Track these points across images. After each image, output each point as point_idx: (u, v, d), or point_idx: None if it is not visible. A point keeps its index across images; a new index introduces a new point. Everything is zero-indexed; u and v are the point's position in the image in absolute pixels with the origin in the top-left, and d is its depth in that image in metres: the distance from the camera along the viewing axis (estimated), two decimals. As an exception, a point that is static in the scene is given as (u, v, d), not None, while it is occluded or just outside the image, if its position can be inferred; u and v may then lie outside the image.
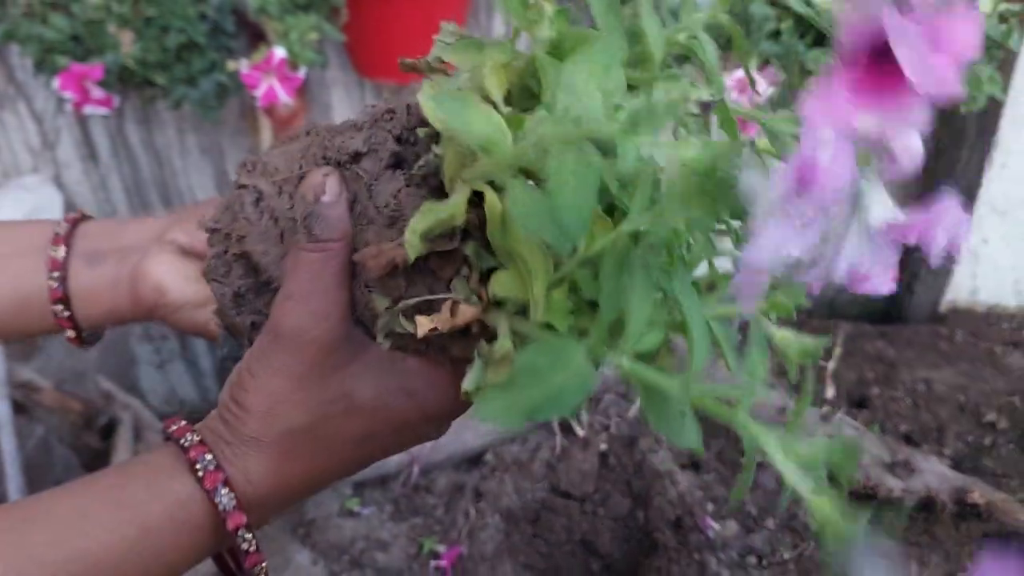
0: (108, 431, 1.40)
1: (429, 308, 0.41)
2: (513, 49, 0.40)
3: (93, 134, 1.76)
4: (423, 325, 0.41)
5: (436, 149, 0.40)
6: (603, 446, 1.49)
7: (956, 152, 1.66)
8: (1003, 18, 1.29)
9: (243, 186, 0.46)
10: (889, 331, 1.76)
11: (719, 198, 0.33)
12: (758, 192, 0.32)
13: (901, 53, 0.32)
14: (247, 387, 0.43)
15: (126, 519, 0.41)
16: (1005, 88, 1.50)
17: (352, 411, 0.43)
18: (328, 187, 0.42)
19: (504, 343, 0.40)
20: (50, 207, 1.67)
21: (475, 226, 0.40)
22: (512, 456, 1.49)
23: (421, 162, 0.41)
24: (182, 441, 0.43)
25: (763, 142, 0.41)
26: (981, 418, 1.59)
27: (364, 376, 0.43)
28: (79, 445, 1.43)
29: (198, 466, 0.42)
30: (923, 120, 0.33)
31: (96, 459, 1.41)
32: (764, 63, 1.31)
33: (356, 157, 0.42)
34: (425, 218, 0.38)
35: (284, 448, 0.43)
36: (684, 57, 0.44)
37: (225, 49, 1.45)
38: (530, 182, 0.35)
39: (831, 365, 1.63)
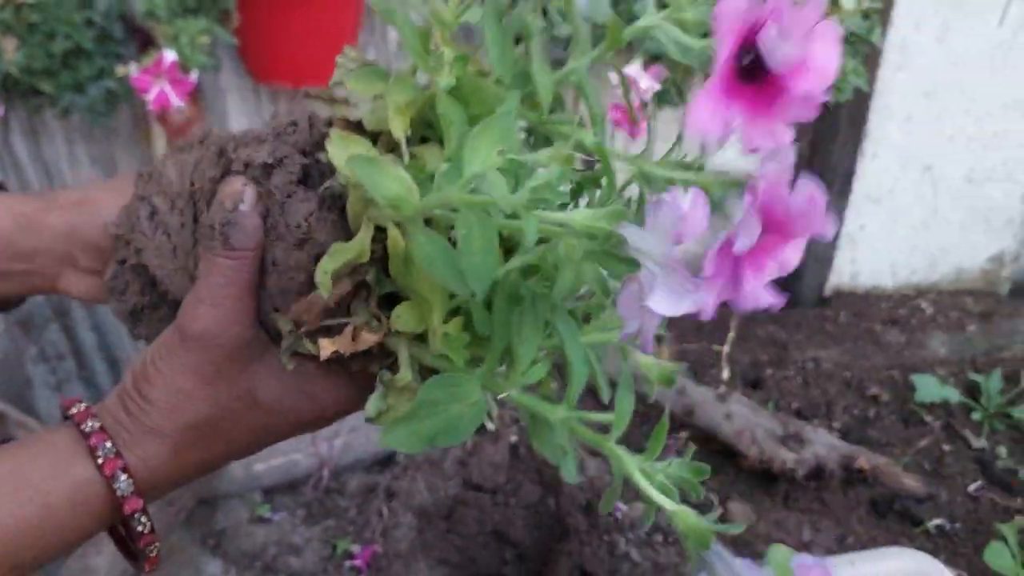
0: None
1: (330, 330, 0.43)
2: (414, 85, 0.42)
3: (-25, 147, 1.70)
4: (326, 348, 0.43)
5: (339, 178, 0.42)
6: (513, 438, 1.52)
7: (831, 143, 1.76)
8: (866, 14, 1.39)
9: (141, 197, 0.47)
10: (779, 315, 1.85)
11: (611, 258, 0.37)
12: (645, 250, 0.36)
13: (773, 68, 0.36)
14: (152, 380, 0.44)
15: (28, 498, 0.43)
16: (871, 81, 1.61)
17: (253, 407, 0.45)
18: (246, 197, 0.43)
19: (405, 374, 0.42)
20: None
21: (376, 255, 0.42)
22: (423, 455, 1.50)
23: (328, 184, 0.43)
24: (83, 427, 0.44)
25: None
26: (865, 392, 1.69)
27: (267, 377, 0.45)
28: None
29: (99, 453, 0.43)
30: (791, 129, 0.38)
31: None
32: (651, 60, 1.36)
33: (267, 170, 0.43)
34: (334, 259, 0.41)
35: (184, 439, 0.45)
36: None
37: (113, 55, 1.42)
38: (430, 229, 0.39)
39: (726, 349, 1.71)
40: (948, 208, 1.84)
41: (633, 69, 1.32)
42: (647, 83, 1.32)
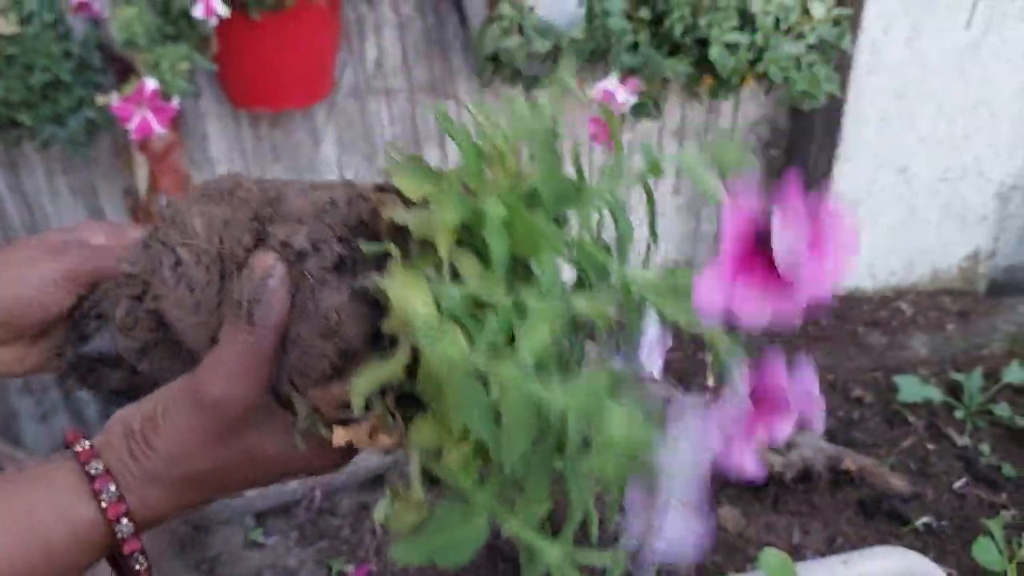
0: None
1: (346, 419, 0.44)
2: (463, 202, 0.43)
3: (-46, 180, 1.69)
4: (339, 436, 0.44)
5: (376, 276, 0.42)
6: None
7: (806, 148, 1.79)
8: (836, 21, 1.42)
9: (163, 243, 0.47)
10: (763, 320, 1.88)
11: (636, 470, 0.40)
12: (670, 477, 0.39)
13: (778, 253, 0.37)
14: (159, 431, 0.46)
15: (31, 539, 0.45)
16: (844, 85, 1.63)
17: (254, 461, 0.48)
18: (276, 274, 0.44)
19: (417, 491, 0.44)
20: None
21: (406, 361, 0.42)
22: (415, 471, 1.51)
23: (365, 283, 0.43)
24: (88, 467, 0.46)
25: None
26: (849, 394, 1.71)
27: (272, 435, 0.47)
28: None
29: (103, 496, 0.45)
30: (799, 306, 0.39)
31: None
32: (627, 74, 1.38)
33: (301, 256, 0.44)
34: (367, 380, 0.41)
35: (183, 485, 0.47)
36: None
37: (92, 84, 1.43)
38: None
39: (710, 355, 1.73)
40: (924, 208, 1.87)
41: (610, 83, 1.34)
42: (623, 96, 1.34)
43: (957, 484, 1.52)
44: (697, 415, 0.38)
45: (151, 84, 1.26)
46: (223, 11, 1.24)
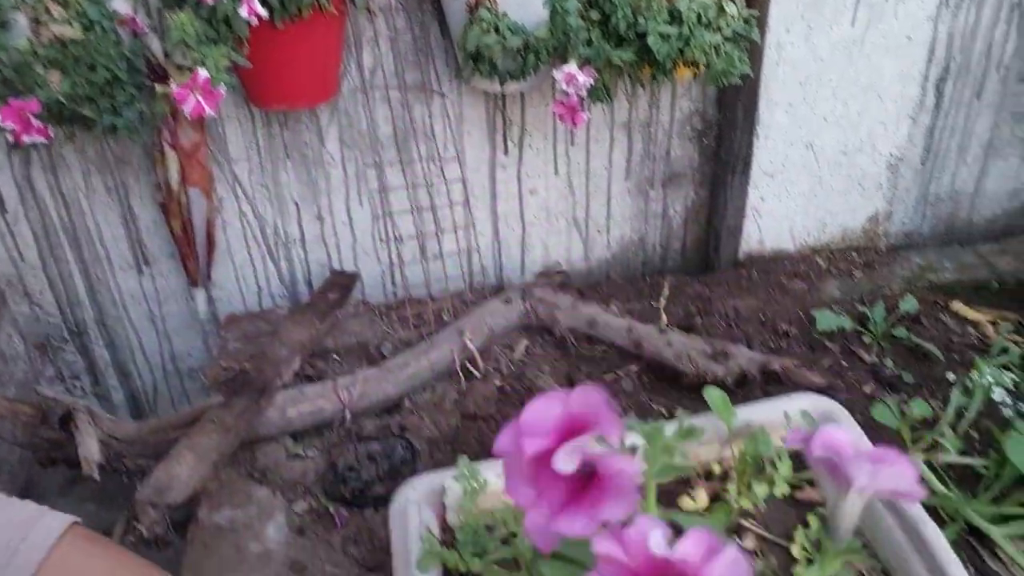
0: (64, 422, 1.58)
1: None
2: None
3: (-1, 183, 1.92)
4: None
5: None
6: (498, 382, 1.82)
7: (732, 133, 2.15)
8: (746, 20, 1.78)
9: None
10: (704, 278, 2.22)
11: None
12: None
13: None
14: None
15: None
16: (758, 75, 2.00)
17: None
18: None
19: None
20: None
21: None
22: (424, 401, 1.79)
23: None
24: None
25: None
26: (777, 329, 2.05)
27: None
28: (35, 442, 1.59)
29: None
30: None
31: (56, 448, 1.58)
32: (584, 63, 1.73)
33: None
34: None
35: None
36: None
37: (138, 85, 1.71)
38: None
39: (662, 302, 2.06)
40: (829, 178, 2.24)
41: (572, 67, 1.68)
42: (583, 78, 1.68)
43: (867, 388, 1.86)
44: None
45: (203, 74, 1.55)
46: (263, 12, 1.54)
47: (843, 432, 0.59)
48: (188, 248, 2.04)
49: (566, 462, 0.48)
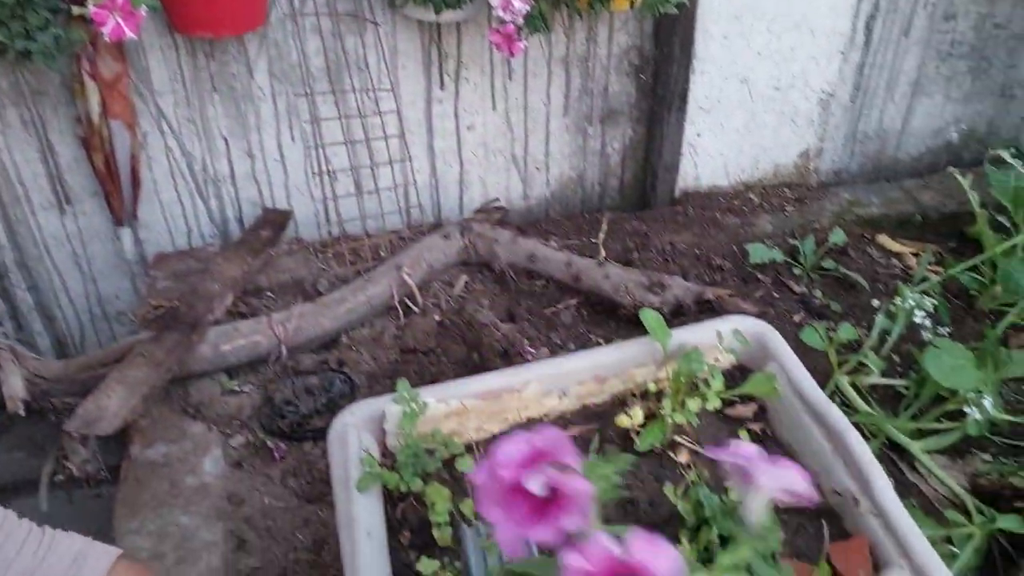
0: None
1: None
2: None
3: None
4: None
5: None
6: (437, 317, 1.81)
7: (668, 67, 2.15)
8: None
9: None
10: (641, 214, 2.24)
11: None
12: None
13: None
14: None
15: None
16: (694, 9, 2.00)
17: None
18: None
19: None
20: None
21: None
22: (362, 337, 1.78)
23: None
24: None
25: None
26: (712, 263, 2.08)
27: None
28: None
29: None
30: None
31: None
32: (519, -10, 1.70)
33: None
34: None
35: None
36: None
37: (52, 9, 1.62)
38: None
39: (601, 238, 2.07)
40: (762, 114, 2.27)
41: (508, -6, 1.65)
42: (519, 4, 1.66)
43: (796, 318, 1.91)
44: None
45: (122, -4, 1.48)
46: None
47: (750, 446, 0.74)
48: (112, 185, 1.97)
49: (535, 484, 0.61)
